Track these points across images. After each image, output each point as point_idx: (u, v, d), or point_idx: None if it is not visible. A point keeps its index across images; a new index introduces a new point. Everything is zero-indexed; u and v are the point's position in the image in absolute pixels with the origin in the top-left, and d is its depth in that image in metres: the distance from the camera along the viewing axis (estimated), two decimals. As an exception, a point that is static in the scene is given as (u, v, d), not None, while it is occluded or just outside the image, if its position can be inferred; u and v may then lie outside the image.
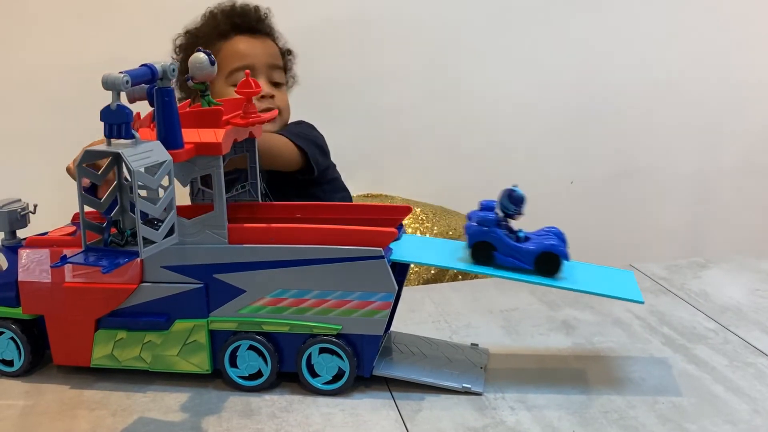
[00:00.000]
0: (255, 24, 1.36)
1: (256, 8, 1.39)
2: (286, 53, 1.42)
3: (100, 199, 0.83)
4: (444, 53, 1.83)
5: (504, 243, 0.86)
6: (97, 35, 1.65)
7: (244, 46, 1.33)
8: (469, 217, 0.89)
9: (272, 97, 1.32)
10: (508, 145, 1.90)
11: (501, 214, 0.88)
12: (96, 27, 1.65)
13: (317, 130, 1.37)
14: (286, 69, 1.41)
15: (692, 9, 1.90)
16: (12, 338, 0.93)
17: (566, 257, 0.86)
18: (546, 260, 0.86)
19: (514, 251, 0.86)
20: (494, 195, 0.87)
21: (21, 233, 0.96)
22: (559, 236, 0.89)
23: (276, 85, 1.35)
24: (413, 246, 0.92)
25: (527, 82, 1.88)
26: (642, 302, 0.88)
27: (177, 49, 1.41)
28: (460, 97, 1.86)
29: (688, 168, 2.00)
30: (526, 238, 0.89)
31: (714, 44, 1.93)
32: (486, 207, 0.89)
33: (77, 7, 1.64)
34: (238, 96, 0.92)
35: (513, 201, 0.87)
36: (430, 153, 1.88)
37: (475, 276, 1.30)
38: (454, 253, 0.94)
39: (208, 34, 1.34)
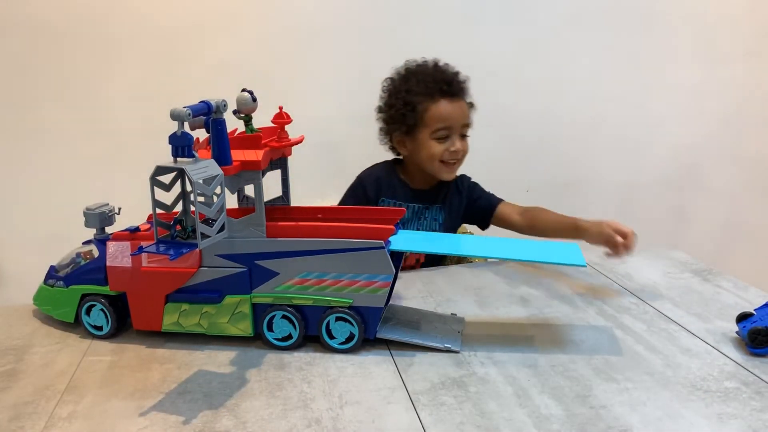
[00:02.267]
0: (457, 93, 1.25)
1: (458, 75, 1.28)
2: (470, 106, 1.30)
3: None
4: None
5: None
6: (164, 77, 1.65)
7: (446, 110, 1.23)
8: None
9: (459, 150, 1.24)
10: (480, 161, 1.89)
11: None
12: (162, 70, 1.65)
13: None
14: (470, 120, 1.29)
15: (619, 58, 1.89)
16: (102, 309, 0.93)
17: None
18: None
19: None
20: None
21: (109, 230, 0.97)
22: None
23: (464, 137, 1.26)
24: (406, 239, 0.92)
25: (496, 114, 1.86)
26: (585, 266, 0.87)
27: (384, 89, 1.32)
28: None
29: (617, 179, 1.99)
30: None
31: (637, 86, 1.92)
32: None
33: (149, 57, 1.64)
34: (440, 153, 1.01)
35: None
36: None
37: (456, 261, 1.30)
38: (437, 242, 0.94)
39: (417, 90, 1.24)
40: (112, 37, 1.62)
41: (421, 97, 1.24)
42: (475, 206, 1.34)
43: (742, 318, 0.91)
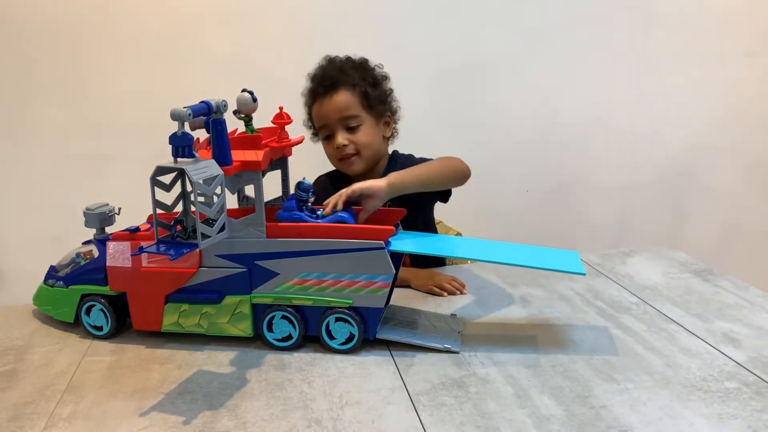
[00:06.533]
0: (327, 89, 1.17)
1: (329, 68, 1.21)
2: (367, 92, 1.20)
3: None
4: (438, 99, 1.82)
5: (304, 220, 0.87)
6: (164, 77, 1.65)
7: (318, 110, 1.18)
8: (282, 206, 0.89)
9: (346, 145, 1.16)
10: (481, 164, 1.89)
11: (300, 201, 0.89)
12: (162, 70, 1.65)
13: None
14: (368, 105, 1.19)
15: (619, 58, 1.89)
16: (102, 309, 0.93)
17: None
18: None
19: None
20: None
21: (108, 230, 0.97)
22: (348, 217, 0.89)
23: (352, 129, 1.17)
24: (406, 240, 0.92)
25: (496, 114, 1.87)
26: (584, 273, 0.87)
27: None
28: (447, 132, 1.84)
29: (617, 180, 1.99)
30: (324, 216, 0.89)
31: (637, 86, 1.92)
32: (291, 198, 0.89)
33: (149, 56, 1.64)
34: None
35: (302, 189, 0.88)
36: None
37: (453, 262, 1.30)
38: (437, 244, 0.94)
39: (306, 94, 1.22)
40: (111, 36, 1.62)
41: (309, 101, 1.21)
42: None
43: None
